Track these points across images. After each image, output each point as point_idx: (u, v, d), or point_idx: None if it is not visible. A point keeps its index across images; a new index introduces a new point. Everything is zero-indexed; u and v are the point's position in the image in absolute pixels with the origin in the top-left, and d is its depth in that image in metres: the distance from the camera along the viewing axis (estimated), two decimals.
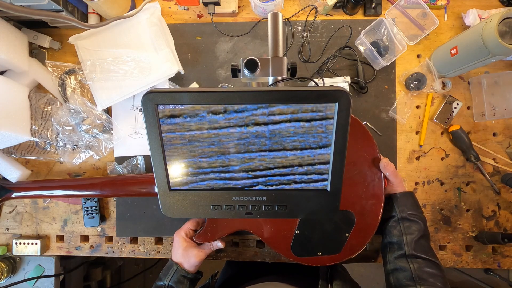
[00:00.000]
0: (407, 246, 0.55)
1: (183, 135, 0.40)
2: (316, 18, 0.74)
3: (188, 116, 0.39)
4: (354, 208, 0.59)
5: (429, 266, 0.53)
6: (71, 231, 0.77)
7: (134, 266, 1.55)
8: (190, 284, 0.60)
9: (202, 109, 0.39)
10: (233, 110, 0.39)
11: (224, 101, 0.38)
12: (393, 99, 0.73)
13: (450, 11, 0.73)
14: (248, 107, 0.39)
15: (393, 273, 0.56)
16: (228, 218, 0.61)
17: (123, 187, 0.66)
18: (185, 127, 0.40)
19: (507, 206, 0.73)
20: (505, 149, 0.73)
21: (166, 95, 0.38)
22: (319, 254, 0.60)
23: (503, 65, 0.73)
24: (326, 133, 0.40)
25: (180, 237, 0.62)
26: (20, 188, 0.69)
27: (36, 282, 0.78)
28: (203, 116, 0.39)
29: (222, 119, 0.39)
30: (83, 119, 0.71)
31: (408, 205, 0.58)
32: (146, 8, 0.70)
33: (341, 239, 0.59)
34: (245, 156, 0.42)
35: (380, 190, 0.59)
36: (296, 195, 0.44)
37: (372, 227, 0.59)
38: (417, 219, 0.57)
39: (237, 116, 0.39)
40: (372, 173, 0.59)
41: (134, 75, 0.69)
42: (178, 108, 0.39)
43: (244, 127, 0.40)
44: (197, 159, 0.42)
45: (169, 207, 0.45)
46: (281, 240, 0.61)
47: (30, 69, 0.70)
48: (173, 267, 0.59)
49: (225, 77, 0.75)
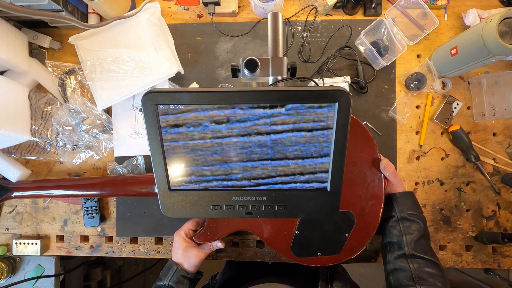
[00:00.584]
0: (407, 246, 0.55)
1: (186, 144, 0.41)
2: (316, 18, 0.74)
3: (191, 126, 0.40)
4: (354, 208, 0.59)
5: (429, 266, 0.52)
6: (71, 231, 0.77)
7: (134, 266, 1.55)
8: (190, 284, 0.60)
9: (205, 118, 0.39)
10: (236, 119, 0.39)
11: (224, 101, 0.38)
12: (393, 99, 0.73)
13: (450, 11, 0.73)
14: (250, 117, 0.39)
15: (393, 273, 0.56)
16: (228, 219, 0.62)
17: (123, 187, 0.66)
18: (188, 136, 0.40)
19: (507, 206, 0.73)
20: (505, 149, 0.73)
21: (166, 95, 0.38)
22: (319, 254, 0.60)
23: (503, 65, 0.73)
24: (327, 142, 0.40)
25: (180, 237, 0.62)
26: (20, 188, 0.69)
27: (36, 282, 0.78)
28: (206, 126, 0.40)
29: (224, 128, 0.40)
30: (83, 119, 0.71)
31: (408, 205, 0.58)
32: (146, 8, 0.70)
33: (341, 240, 0.59)
34: (248, 165, 0.42)
35: (380, 191, 0.59)
36: (296, 195, 0.44)
37: (372, 228, 0.59)
38: (416, 219, 0.57)
39: (239, 126, 0.40)
40: (372, 173, 0.59)
41: (134, 75, 0.69)
42: (182, 117, 0.39)
43: (246, 136, 0.40)
44: (200, 167, 0.43)
45: (169, 207, 0.45)
46: (281, 240, 0.61)
47: (30, 69, 0.70)
48: (173, 267, 0.59)
49: (225, 77, 0.75)
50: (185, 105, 0.38)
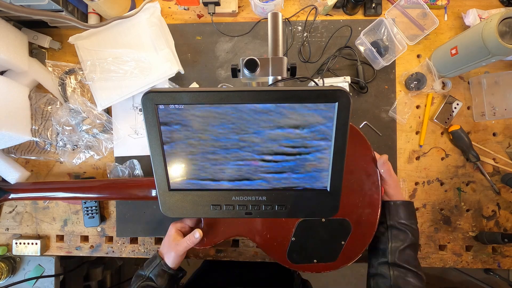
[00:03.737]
0: (391, 254, 0.55)
1: (186, 144, 0.41)
2: (316, 18, 0.74)
3: (191, 126, 0.40)
4: (350, 216, 0.59)
5: (410, 276, 0.53)
6: (71, 231, 0.77)
7: (134, 266, 1.55)
8: (170, 279, 0.60)
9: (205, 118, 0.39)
10: (236, 119, 0.39)
11: (224, 101, 0.38)
12: (393, 99, 0.73)
13: (450, 11, 0.73)
14: (250, 116, 0.39)
15: (374, 277, 0.57)
16: (225, 224, 0.62)
17: (120, 190, 0.65)
18: (188, 136, 0.40)
19: (507, 206, 0.73)
20: (505, 149, 0.73)
21: (166, 94, 0.38)
22: (314, 261, 0.60)
23: (503, 65, 0.73)
24: (327, 142, 0.40)
25: (173, 227, 0.62)
26: (18, 189, 0.68)
27: (36, 282, 0.78)
28: (206, 126, 0.40)
29: (224, 128, 0.40)
30: (83, 119, 0.71)
31: (401, 215, 0.57)
32: (146, 8, 0.70)
33: (337, 247, 0.59)
34: (248, 164, 0.42)
35: (377, 200, 0.59)
36: (296, 195, 0.44)
37: (368, 236, 0.59)
38: (406, 229, 0.56)
39: (239, 126, 0.40)
40: (369, 182, 0.59)
41: (134, 75, 0.69)
42: (182, 117, 0.39)
43: (246, 136, 0.41)
44: (200, 167, 0.43)
45: (169, 207, 0.45)
46: (277, 246, 0.60)
47: (30, 69, 0.70)
48: (156, 259, 0.60)
49: (225, 77, 0.75)
50: (185, 105, 0.38)
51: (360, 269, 1.66)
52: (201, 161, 0.42)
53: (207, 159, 0.42)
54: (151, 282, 0.58)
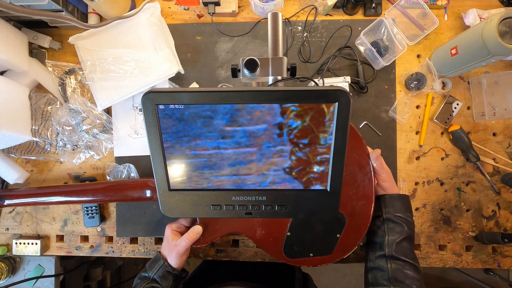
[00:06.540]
0: (388, 247, 0.55)
1: (186, 144, 0.41)
2: (316, 18, 0.74)
3: (191, 126, 0.40)
4: (344, 209, 0.59)
5: (407, 269, 0.53)
6: (71, 231, 0.77)
7: (134, 266, 1.55)
8: (174, 280, 0.60)
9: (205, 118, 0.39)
10: (236, 119, 0.39)
11: (224, 101, 0.38)
12: (393, 99, 0.73)
13: (450, 11, 0.73)
14: (250, 116, 0.39)
15: (372, 271, 0.57)
16: (220, 222, 0.62)
17: (113, 193, 0.65)
18: (188, 136, 0.41)
19: (507, 206, 0.73)
20: (505, 149, 0.73)
21: (166, 95, 0.38)
22: (311, 255, 0.60)
23: (503, 65, 0.73)
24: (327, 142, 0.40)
25: (169, 229, 0.62)
26: (12, 195, 0.67)
27: (36, 282, 0.78)
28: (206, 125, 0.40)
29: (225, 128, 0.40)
30: (83, 119, 0.71)
31: (396, 208, 0.58)
32: (146, 8, 0.70)
33: (333, 240, 0.60)
34: (248, 164, 0.42)
35: (370, 191, 0.59)
36: (295, 195, 0.44)
37: (363, 228, 0.59)
38: (402, 222, 0.57)
39: (239, 126, 0.40)
40: (362, 174, 0.59)
41: (134, 75, 0.69)
42: (182, 117, 0.39)
43: (246, 135, 0.41)
44: (200, 167, 0.43)
45: (169, 207, 0.45)
46: (273, 242, 0.61)
47: (30, 69, 0.70)
48: (160, 261, 0.60)
49: (225, 77, 0.75)
50: (185, 105, 0.38)
51: (360, 269, 1.66)
52: (201, 161, 0.42)
53: (208, 158, 0.42)
54: (156, 284, 0.58)
